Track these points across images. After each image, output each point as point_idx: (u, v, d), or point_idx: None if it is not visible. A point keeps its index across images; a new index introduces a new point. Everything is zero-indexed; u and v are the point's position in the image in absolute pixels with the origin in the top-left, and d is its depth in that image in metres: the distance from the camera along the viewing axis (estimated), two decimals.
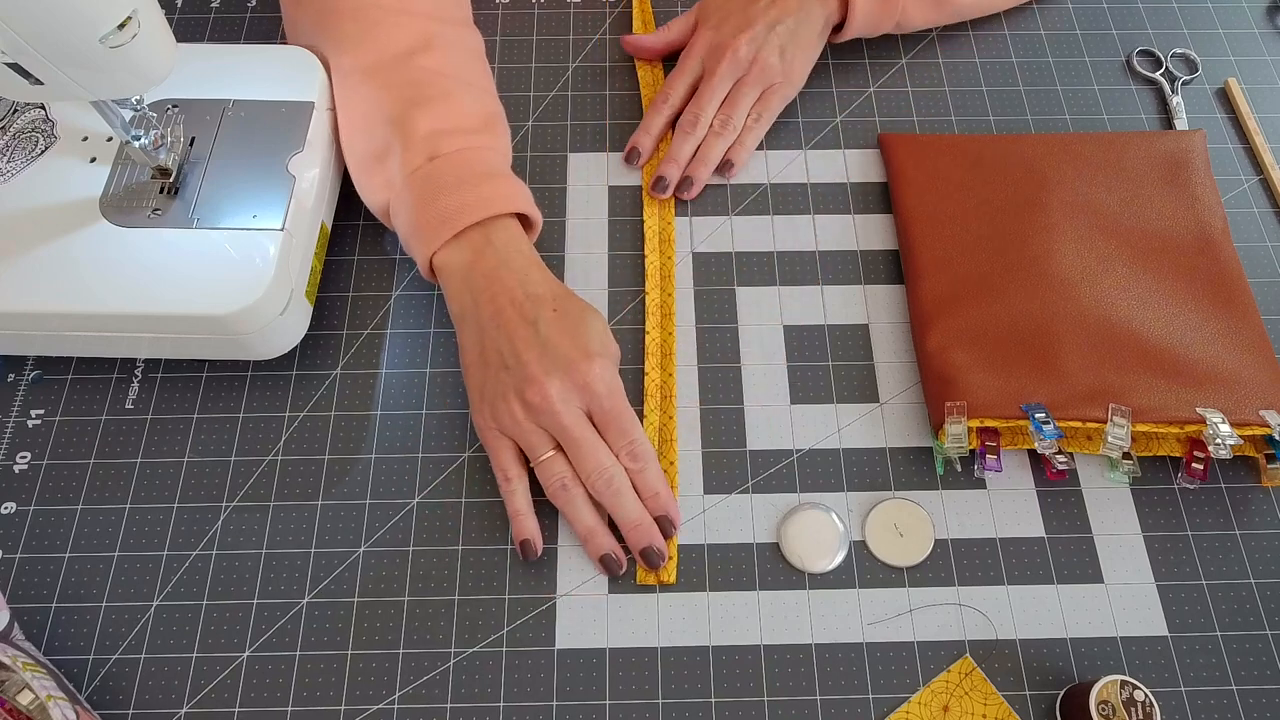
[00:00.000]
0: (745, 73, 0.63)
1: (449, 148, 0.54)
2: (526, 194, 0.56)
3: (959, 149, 0.63)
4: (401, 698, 0.49)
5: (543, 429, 0.51)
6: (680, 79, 0.64)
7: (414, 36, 0.57)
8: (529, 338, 0.51)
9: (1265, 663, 0.50)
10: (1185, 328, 0.56)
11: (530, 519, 0.51)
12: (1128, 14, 0.72)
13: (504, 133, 0.60)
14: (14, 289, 0.50)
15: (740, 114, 0.63)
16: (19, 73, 0.43)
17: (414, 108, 0.55)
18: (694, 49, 0.64)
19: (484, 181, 0.54)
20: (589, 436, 0.51)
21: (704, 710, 0.48)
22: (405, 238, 0.55)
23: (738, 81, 0.63)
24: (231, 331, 0.51)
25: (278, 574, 0.51)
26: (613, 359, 0.53)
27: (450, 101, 0.56)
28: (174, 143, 0.54)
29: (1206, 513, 0.54)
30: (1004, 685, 0.49)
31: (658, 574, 0.51)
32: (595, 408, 0.51)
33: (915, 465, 0.55)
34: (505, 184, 0.55)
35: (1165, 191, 0.61)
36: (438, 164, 0.54)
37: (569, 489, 0.51)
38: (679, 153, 0.63)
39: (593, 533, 0.51)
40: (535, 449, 0.51)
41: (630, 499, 0.51)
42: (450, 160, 0.54)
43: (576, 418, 0.51)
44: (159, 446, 0.55)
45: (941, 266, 0.58)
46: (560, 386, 0.50)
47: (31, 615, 0.50)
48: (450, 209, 0.53)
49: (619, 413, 0.52)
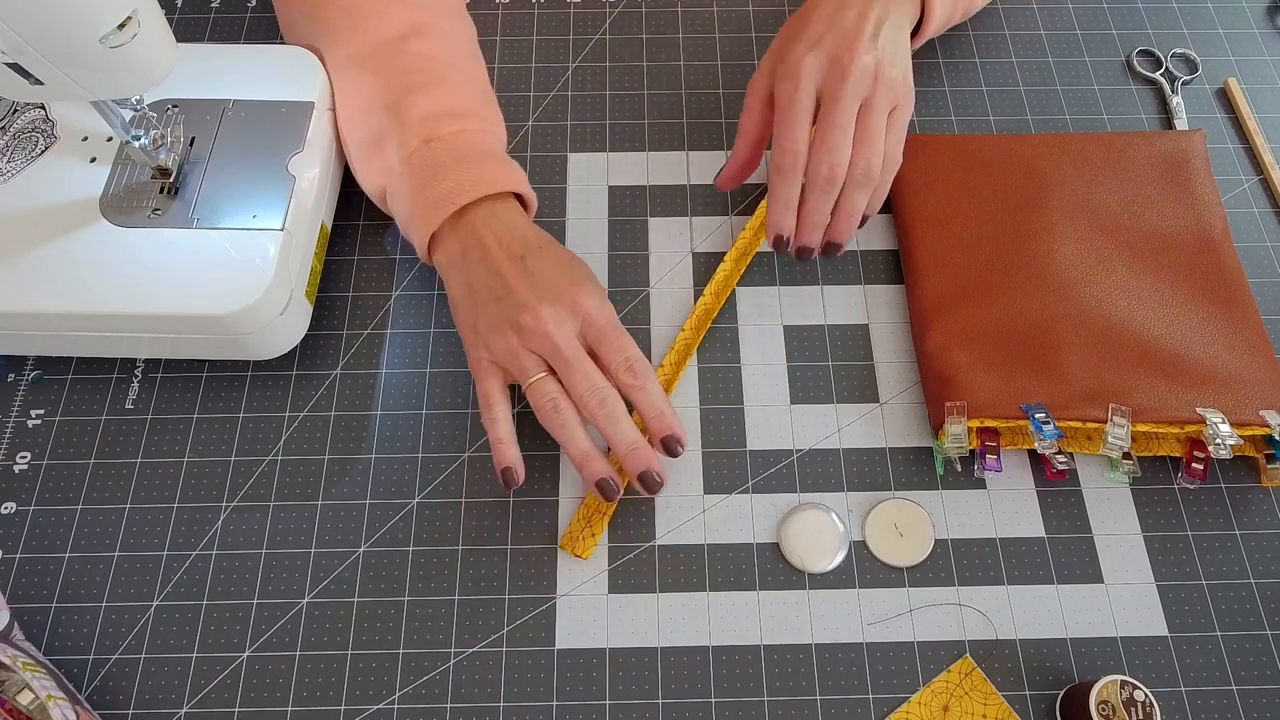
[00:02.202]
0: (871, 93, 0.52)
1: (444, 130, 0.54)
2: (522, 175, 0.56)
3: (959, 149, 0.63)
4: (401, 698, 0.49)
5: (535, 353, 0.50)
6: (798, 121, 0.52)
7: (405, 23, 0.57)
8: (518, 272, 0.51)
9: (1265, 663, 0.50)
10: (1185, 328, 0.56)
11: (512, 447, 0.51)
12: (1128, 14, 0.72)
13: (498, 116, 0.60)
14: (14, 289, 0.50)
15: (879, 153, 0.53)
16: (19, 73, 0.43)
17: (408, 93, 0.55)
18: (798, 75, 0.52)
19: (480, 162, 0.54)
20: (581, 357, 0.50)
21: (704, 710, 0.48)
22: (403, 222, 0.55)
23: (863, 106, 0.53)
24: (231, 331, 0.51)
25: (278, 574, 0.51)
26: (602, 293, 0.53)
27: (445, 85, 0.56)
28: (174, 143, 0.54)
29: (1206, 513, 0.54)
30: (1004, 685, 0.49)
31: (574, 549, 0.51)
32: (589, 329, 0.51)
33: (915, 465, 0.55)
34: (501, 165, 0.55)
35: (1165, 191, 0.61)
36: (434, 146, 0.54)
37: (561, 410, 0.50)
38: (817, 215, 0.54)
39: (587, 457, 0.50)
40: (527, 371, 0.50)
41: (625, 421, 0.50)
42: (446, 143, 0.54)
43: (569, 339, 0.50)
44: (159, 446, 0.55)
45: (941, 266, 0.58)
46: (553, 310, 0.50)
47: (31, 615, 0.50)
48: (446, 191, 0.53)
49: (614, 330, 0.51)
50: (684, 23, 0.71)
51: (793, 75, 0.52)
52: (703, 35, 0.70)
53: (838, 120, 0.52)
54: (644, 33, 0.71)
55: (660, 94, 0.68)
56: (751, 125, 0.57)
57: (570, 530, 0.52)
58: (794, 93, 0.52)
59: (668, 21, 0.71)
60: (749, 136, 0.57)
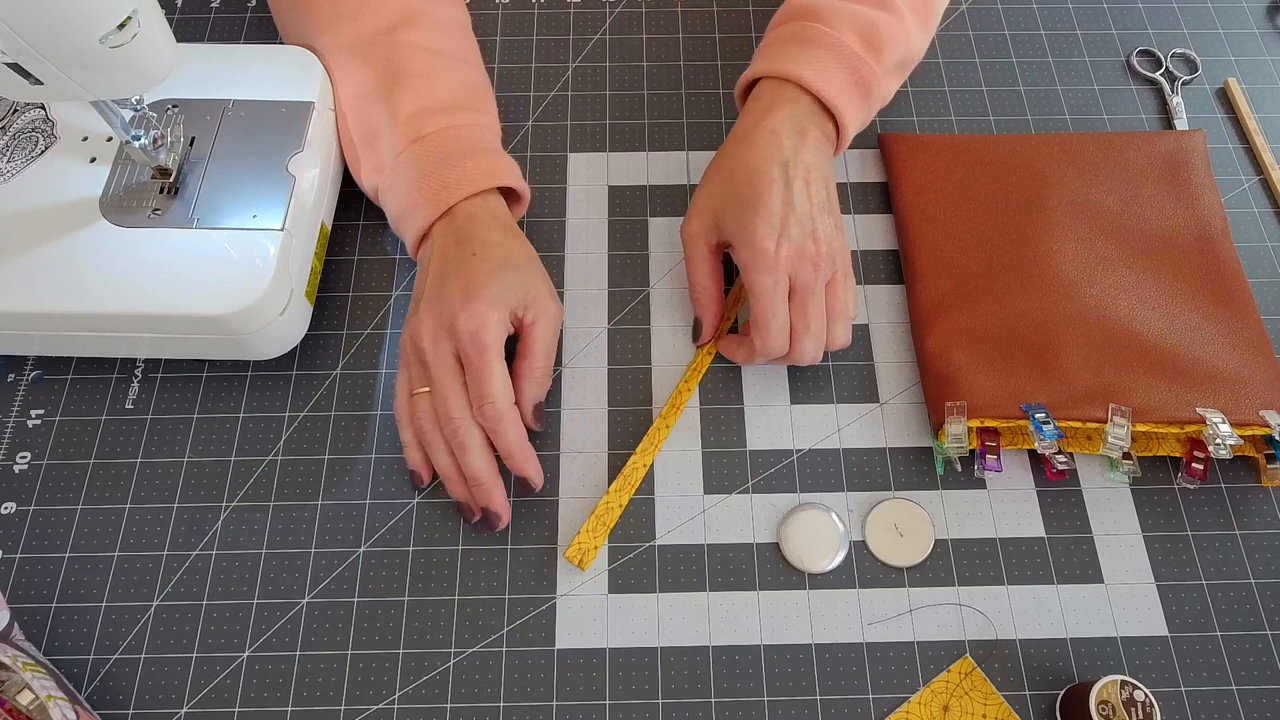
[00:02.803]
0: (832, 271, 0.53)
1: (431, 128, 0.55)
2: (512, 167, 0.56)
3: (959, 149, 0.63)
4: (401, 698, 0.49)
5: (422, 364, 0.51)
6: (781, 312, 0.52)
7: (395, 12, 0.57)
8: (437, 272, 0.52)
9: (1265, 663, 0.50)
10: (1185, 328, 0.56)
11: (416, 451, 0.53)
12: (1128, 14, 0.72)
13: (489, 106, 0.59)
14: (14, 289, 0.50)
15: (849, 322, 0.55)
16: (19, 73, 0.43)
17: (396, 86, 0.55)
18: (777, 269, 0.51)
19: (467, 159, 0.54)
20: (447, 383, 0.50)
21: (704, 710, 0.48)
22: (394, 220, 0.56)
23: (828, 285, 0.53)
24: (231, 331, 0.51)
25: (278, 574, 0.51)
26: (507, 311, 0.51)
27: (433, 78, 0.56)
28: (174, 143, 0.54)
29: (1206, 513, 0.53)
30: (1004, 685, 0.49)
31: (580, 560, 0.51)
32: (461, 353, 0.50)
33: (915, 465, 0.55)
34: (488, 159, 0.55)
35: (1165, 191, 0.61)
36: (420, 146, 0.54)
37: (426, 432, 0.51)
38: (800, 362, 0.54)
39: (447, 478, 0.51)
40: (413, 381, 0.52)
41: (475, 454, 0.50)
42: (433, 141, 0.54)
43: (441, 361, 0.50)
44: (159, 446, 0.55)
45: (941, 266, 0.58)
46: (432, 326, 0.50)
47: (31, 615, 0.50)
48: (432, 190, 0.53)
49: (478, 366, 0.49)
50: (684, 23, 0.71)
51: (771, 269, 0.51)
52: (703, 35, 0.70)
53: (817, 306, 0.52)
54: (644, 33, 0.71)
55: (660, 94, 0.68)
56: (708, 282, 0.56)
57: (580, 541, 0.52)
58: (774, 287, 0.51)
59: (668, 21, 0.71)
60: (710, 295, 0.56)
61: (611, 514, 0.53)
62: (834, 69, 0.55)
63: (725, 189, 0.54)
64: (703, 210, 0.55)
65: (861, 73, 0.56)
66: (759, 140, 0.54)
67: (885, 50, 0.56)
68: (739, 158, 0.54)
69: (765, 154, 0.53)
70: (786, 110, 0.55)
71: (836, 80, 0.55)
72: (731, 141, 0.56)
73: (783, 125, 0.54)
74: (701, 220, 0.55)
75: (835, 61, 0.55)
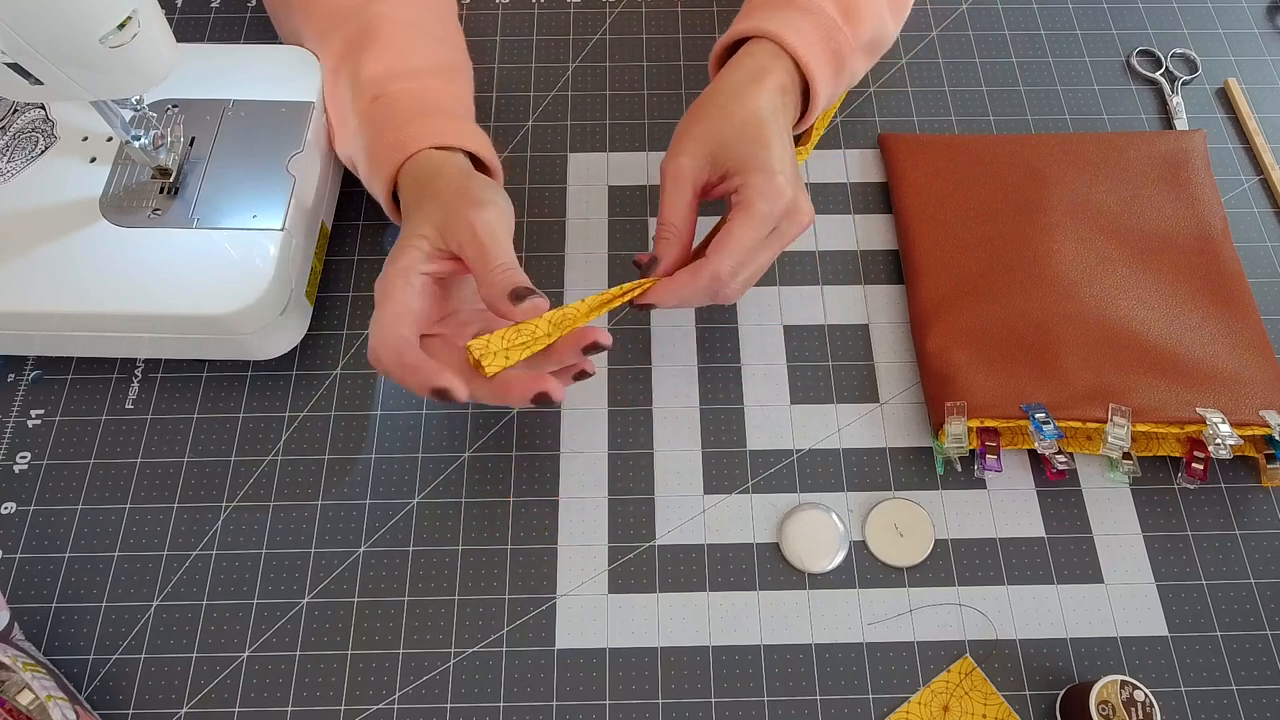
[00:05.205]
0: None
1: (395, 88, 0.54)
2: (479, 137, 0.54)
3: (959, 149, 0.63)
4: (401, 698, 0.49)
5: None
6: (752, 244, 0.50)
7: None
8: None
9: (1265, 663, 0.50)
10: (1185, 328, 0.56)
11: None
12: (1128, 14, 0.72)
13: (465, 84, 0.59)
14: (14, 289, 0.50)
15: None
16: (19, 73, 0.43)
17: (363, 52, 0.55)
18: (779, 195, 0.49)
19: (433, 115, 0.53)
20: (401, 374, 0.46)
21: (704, 710, 0.48)
22: (366, 182, 0.55)
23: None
24: (231, 331, 0.51)
25: (278, 574, 0.51)
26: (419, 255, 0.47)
27: (401, 47, 0.56)
28: (174, 143, 0.54)
29: (1206, 513, 0.54)
30: (1004, 685, 0.49)
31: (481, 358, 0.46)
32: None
33: (915, 465, 0.55)
34: (458, 123, 0.54)
35: (1165, 191, 0.61)
36: (381, 103, 0.53)
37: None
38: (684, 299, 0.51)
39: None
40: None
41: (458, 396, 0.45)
42: (395, 99, 0.54)
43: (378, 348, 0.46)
44: (159, 446, 0.55)
45: (941, 266, 0.58)
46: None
47: (31, 615, 0.50)
48: (391, 143, 0.52)
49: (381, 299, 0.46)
50: (684, 23, 0.71)
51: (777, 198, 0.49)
52: (702, 35, 0.70)
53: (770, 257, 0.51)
54: (644, 33, 0.71)
55: (660, 94, 0.68)
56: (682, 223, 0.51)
57: (490, 340, 0.46)
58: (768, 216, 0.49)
59: (668, 21, 0.71)
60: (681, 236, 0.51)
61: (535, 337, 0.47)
62: (813, 35, 0.55)
63: (725, 126, 0.51)
64: (694, 145, 0.51)
65: (838, 42, 0.56)
66: (760, 94, 0.52)
67: (860, 24, 0.56)
68: (741, 102, 0.52)
69: (769, 106, 0.52)
70: (776, 77, 0.54)
71: (816, 49, 0.55)
72: (724, 90, 0.53)
73: (777, 88, 0.53)
74: (693, 156, 0.51)
75: (814, 27, 0.55)
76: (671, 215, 0.51)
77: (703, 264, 0.49)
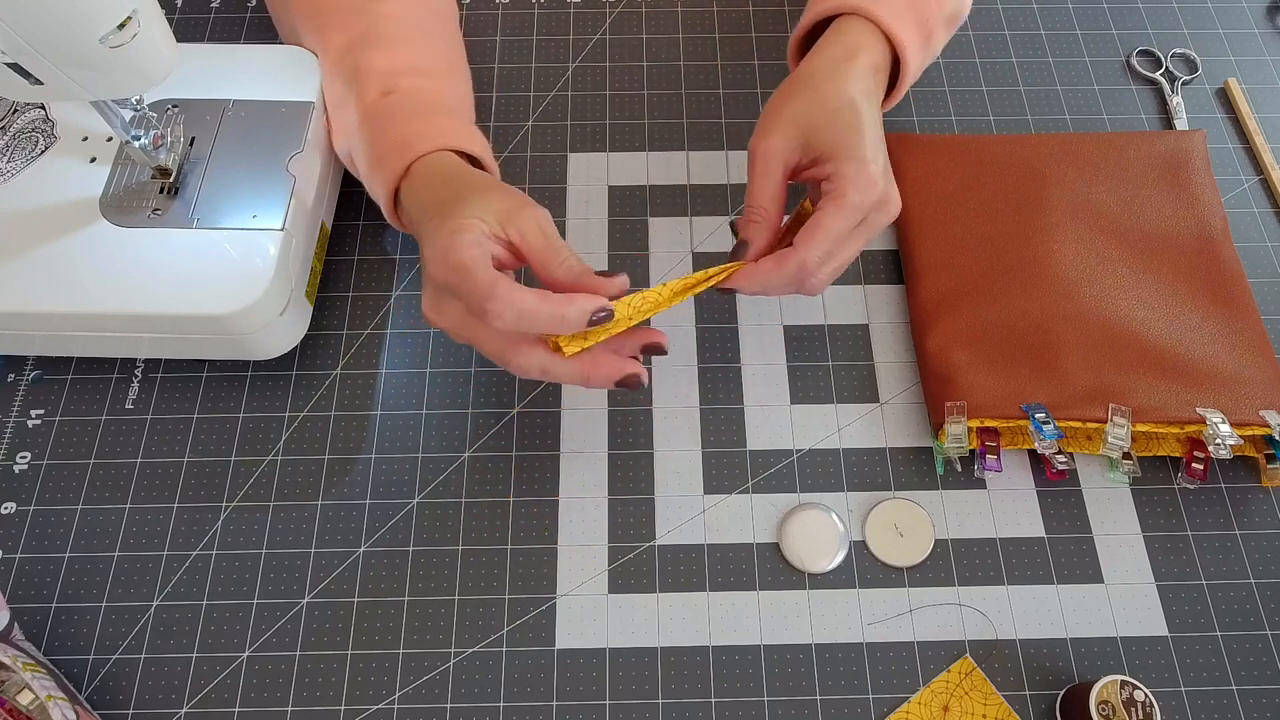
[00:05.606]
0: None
1: (404, 85, 0.54)
2: (484, 141, 0.54)
3: (959, 149, 0.63)
4: (401, 698, 0.49)
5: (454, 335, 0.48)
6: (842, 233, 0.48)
7: None
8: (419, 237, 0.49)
9: (1265, 663, 0.50)
10: (1185, 328, 0.56)
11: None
12: (1128, 14, 0.72)
13: (466, 86, 0.59)
14: (14, 289, 0.50)
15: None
16: (19, 73, 0.43)
17: (369, 48, 0.54)
18: (872, 185, 0.48)
19: (439, 115, 0.53)
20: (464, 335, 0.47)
21: (704, 710, 0.48)
22: (366, 180, 0.54)
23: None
24: (231, 331, 0.51)
25: (278, 574, 0.51)
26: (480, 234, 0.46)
27: (406, 45, 0.55)
28: (174, 143, 0.54)
29: (1206, 513, 0.54)
30: (1004, 685, 0.49)
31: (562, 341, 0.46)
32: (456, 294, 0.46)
33: (915, 465, 0.55)
34: (460, 124, 0.53)
35: (1165, 191, 0.61)
36: (392, 99, 0.53)
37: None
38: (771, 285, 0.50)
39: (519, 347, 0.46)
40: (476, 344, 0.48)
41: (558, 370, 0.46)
42: (405, 96, 0.53)
43: (452, 321, 0.47)
44: (159, 446, 0.55)
45: (941, 266, 0.58)
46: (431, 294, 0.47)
47: (31, 615, 0.50)
48: (401, 139, 0.51)
49: (468, 289, 0.44)
50: (684, 23, 0.71)
51: (869, 188, 0.48)
52: (703, 35, 0.70)
53: (857, 249, 0.50)
54: (644, 33, 0.71)
55: (660, 94, 0.68)
56: (772, 205, 0.50)
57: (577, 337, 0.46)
58: (859, 206, 0.48)
59: (668, 21, 0.71)
60: (770, 220, 0.50)
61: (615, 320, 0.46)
62: (903, 9, 0.53)
63: (818, 109, 0.50)
64: (787, 125, 0.50)
65: (925, 15, 0.54)
66: (854, 74, 0.51)
67: None
68: (835, 83, 0.50)
69: (863, 90, 0.51)
70: (870, 56, 0.52)
71: (908, 23, 0.53)
72: (818, 69, 0.52)
73: (870, 68, 0.52)
74: (785, 137, 0.49)
75: (906, 4, 0.54)
76: (760, 197, 0.50)
77: (790, 252, 0.48)
